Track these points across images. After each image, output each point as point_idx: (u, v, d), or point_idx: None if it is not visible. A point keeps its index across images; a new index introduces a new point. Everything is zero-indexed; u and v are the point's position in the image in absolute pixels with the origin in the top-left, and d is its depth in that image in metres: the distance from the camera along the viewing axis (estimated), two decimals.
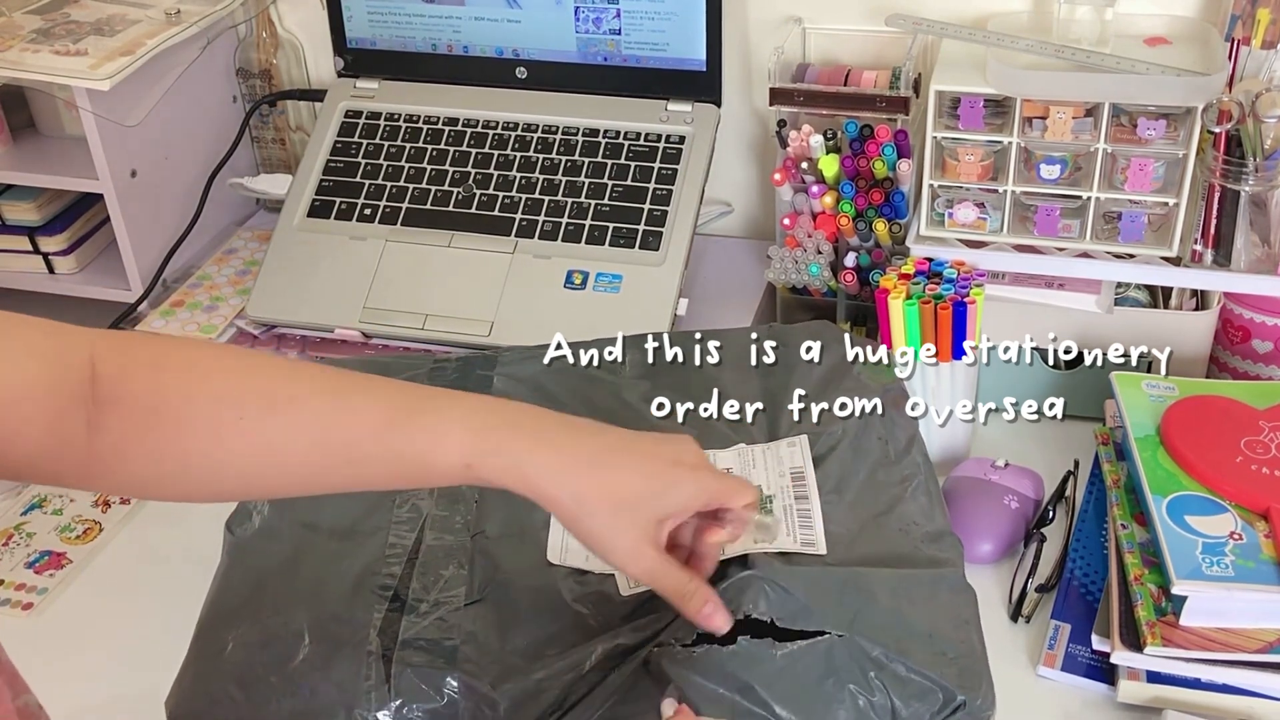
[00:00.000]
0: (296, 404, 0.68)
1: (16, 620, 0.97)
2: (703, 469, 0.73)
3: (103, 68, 1.14)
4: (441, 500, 0.87)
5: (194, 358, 0.70)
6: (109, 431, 0.65)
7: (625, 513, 0.69)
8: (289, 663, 0.77)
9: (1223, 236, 1.01)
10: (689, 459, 0.73)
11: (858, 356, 0.96)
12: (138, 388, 0.66)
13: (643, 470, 0.70)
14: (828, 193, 1.12)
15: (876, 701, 0.72)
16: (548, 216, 1.18)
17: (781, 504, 0.84)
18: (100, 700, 0.90)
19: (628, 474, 0.70)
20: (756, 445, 0.90)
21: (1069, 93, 1.00)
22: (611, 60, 1.23)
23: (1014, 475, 1.00)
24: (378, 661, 0.76)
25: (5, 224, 1.27)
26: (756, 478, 0.87)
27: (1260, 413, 0.94)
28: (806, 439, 0.89)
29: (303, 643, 0.78)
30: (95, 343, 0.66)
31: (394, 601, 0.80)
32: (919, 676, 0.73)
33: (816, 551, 0.81)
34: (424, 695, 0.75)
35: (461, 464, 0.68)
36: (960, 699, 0.73)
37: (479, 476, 0.68)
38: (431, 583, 0.81)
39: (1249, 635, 0.82)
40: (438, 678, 0.75)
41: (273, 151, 1.41)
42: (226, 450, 0.67)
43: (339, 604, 0.80)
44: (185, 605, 0.83)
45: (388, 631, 0.78)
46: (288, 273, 1.20)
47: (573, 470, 0.69)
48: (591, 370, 0.99)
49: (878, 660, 0.73)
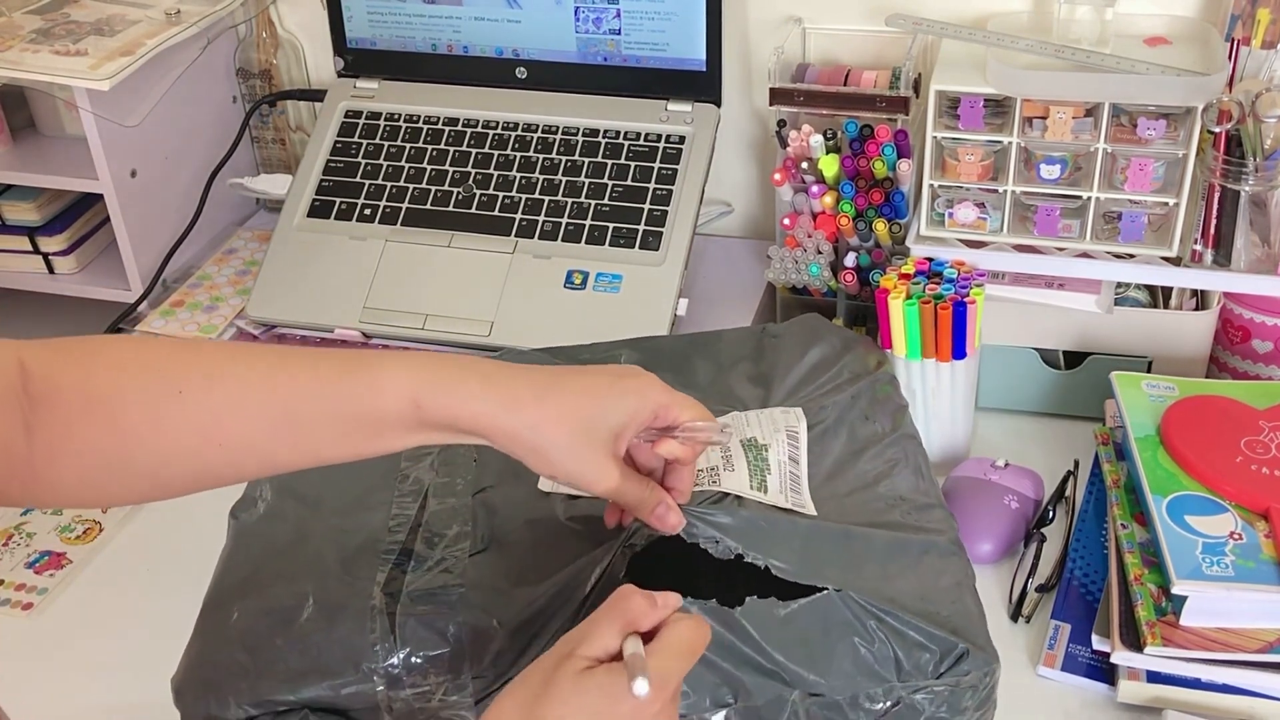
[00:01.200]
0: (236, 375, 0.67)
1: (16, 620, 0.97)
2: (648, 379, 0.73)
3: (103, 68, 1.14)
4: (442, 469, 0.87)
5: (126, 345, 0.69)
6: (46, 429, 0.64)
7: (581, 433, 0.69)
8: (294, 624, 0.77)
9: (1223, 236, 1.01)
10: (632, 373, 0.74)
11: (848, 347, 0.96)
12: (70, 379, 0.65)
13: (588, 388, 0.71)
14: (828, 193, 1.12)
15: (878, 651, 0.74)
16: (548, 216, 1.18)
17: (776, 458, 0.85)
18: (100, 700, 0.90)
19: (574, 395, 0.70)
20: (750, 410, 0.91)
21: (1069, 93, 1.00)
22: (611, 60, 1.23)
23: (1014, 475, 1.00)
24: (381, 615, 0.76)
25: (5, 224, 1.27)
26: (750, 433, 0.87)
27: (1260, 413, 0.94)
28: (802, 409, 0.90)
29: (307, 604, 0.78)
30: (22, 347, 0.66)
31: (400, 558, 0.80)
32: (915, 631, 0.74)
33: (806, 512, 0.82)
34: (430, 642, 0.75)
35: (410, 403, 0.67)
36: (962, 647, 0.74)
37: (429, 418, 0.68)
38: (436, 542, 0.81)
39: (1249, 635, 0.82)
40: (442, 622, 0.76)
41: (273, 151, 1.41)
42: (167, 433, 0.66)
43: (343, 568, 0.81)
44: (186, 605, 0.83)
45: (392, 588, 0.78)
46: (288, 273, 1.20)
47: (523, 402, 0.69)
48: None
49: (876, 613, 0.74)
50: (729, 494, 0.81)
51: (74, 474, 0.66)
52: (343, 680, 0.75)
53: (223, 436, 0.67)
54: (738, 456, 0.84)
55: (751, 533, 0.77)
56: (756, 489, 0.82)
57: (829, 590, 0.75)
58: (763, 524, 0.78)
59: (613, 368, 0.74)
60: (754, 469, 0.83)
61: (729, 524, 0.77)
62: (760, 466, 0.84)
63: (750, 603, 0.74)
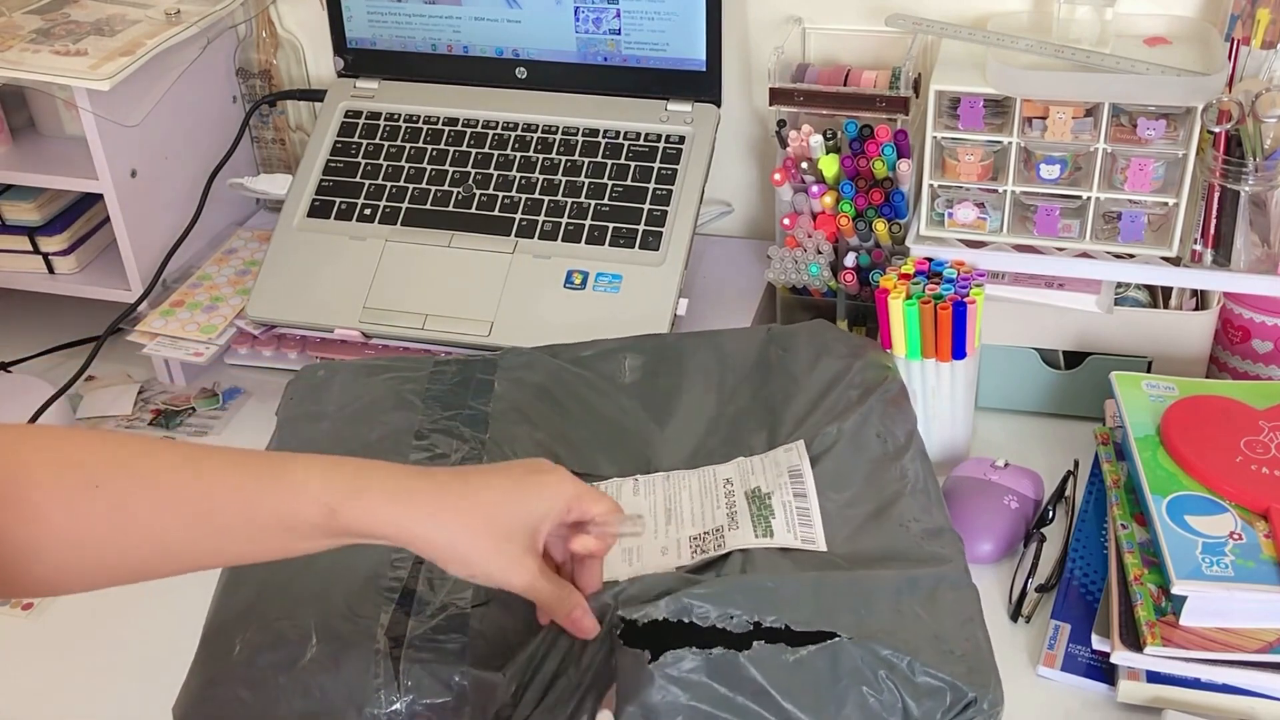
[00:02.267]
0: (152, 472, 0.67)
1: (16, 620, 0.98)
2: (560, 474, 0.74)
3: (103, 68, 1.14)
4: None
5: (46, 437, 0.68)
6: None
7: (500, 536, 0.70)
8: (297, 663, 0.77)
9: (1222, 236, 1.01)
10: (544, 467, 0.74)
11: (857, 355, 0.96)
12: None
13: (503, 487, 0.72)
14: (828, 193, 1.12)
15: (887, 701, 0.73)
16: (548, 216, 1.18)
17: (780, 500, 0.85)
18: (100, 700, 0.90)
19: (490, 496, 0.71)
20: (754, 455, 0.91)
21: (1069, 93, 1.00)
22: (611, 60, 1.23)
23: (1014, 475, 1.00)
24: (386, 660, 0.76)
25: (5, 224, 1.27)
26: (754, 483, 0.87)
27: (1260, 413, 0.94)
28: (803, 443, 0.90)
29: (310, 643, 0.78)
30: None
31: (402, 599, 0.80)
32: (928, 676, 0.73)
33: (817, 548, 0.81)
34: (433, 690, 0.75)
35: (325, 510, 0.67)
36: (971, 695, 0.73)
37: (344, 525, 0.67)
38: (439, 584, 0.81)
39: (1249, 635, 0.82)
40: (446, 672, 0.75)
41: (273, 151, 1.41)
42: (79, 521, 0.65)
43: (346, 604, 0.80)
44: (185, 606, 0.83)
45: (395, 630, 0.78)
46: (288, 273, 1.20)
47: (439, 510, 0.69)
48: (592, 374, 0.99)
49: (888, 660, 0.73)
50: (732, 551, 0.81)
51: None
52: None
53: (137, 533, 0.66)
54: (742, 513, 0.85)
55: (761, 596, 0.75)
56: (762, 535, 0.82)
57: (840, 637, 0.73)
58: (769, 584, 0.77)
59: (523, 463, 0.75)
60: (758, 519, 0.84)
61: (739, 599, 0.75)
62: (764, 515, 0.84)
63: (758, 648, 0.73)
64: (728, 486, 0.87)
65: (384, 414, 0.96)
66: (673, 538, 0.85)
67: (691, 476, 0.90)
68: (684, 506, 0.87)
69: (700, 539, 0.84)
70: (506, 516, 0.71)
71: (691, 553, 0.83)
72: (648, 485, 0.90)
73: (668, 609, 0.74)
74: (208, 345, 1.20)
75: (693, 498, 0.88)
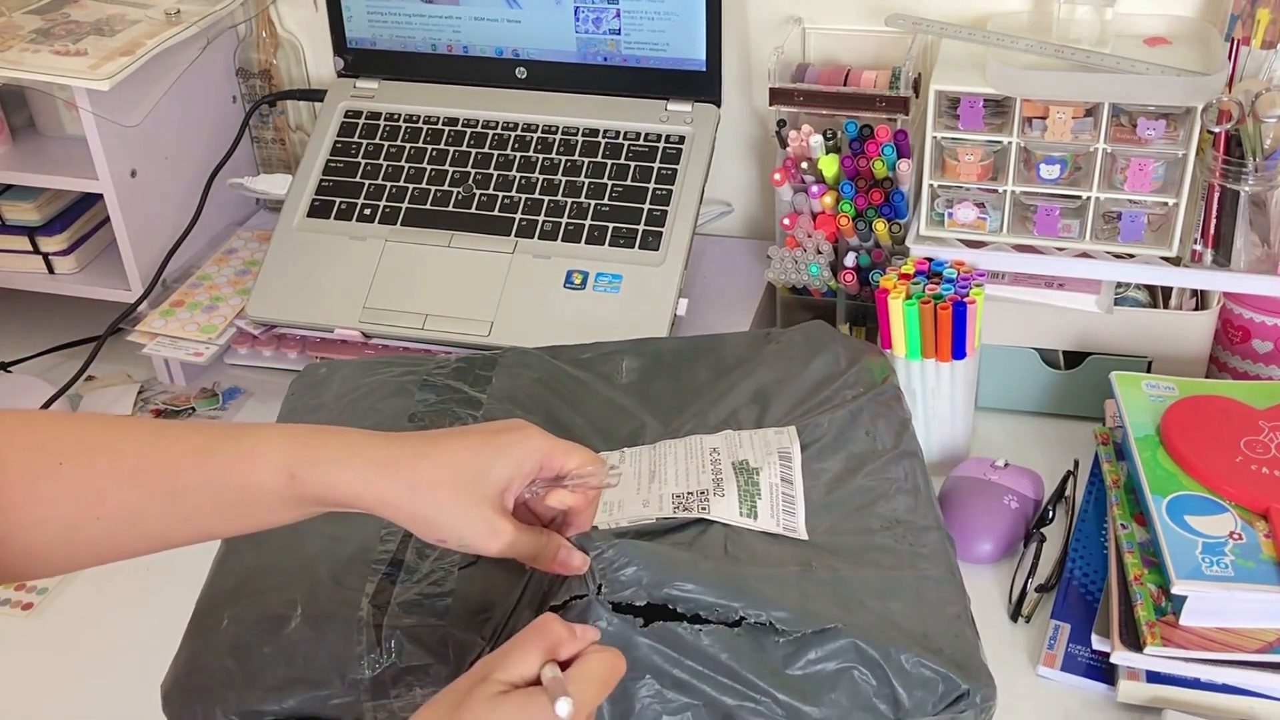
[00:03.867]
0: (115, 448, 0.66)
1: (16, 620, 0.98)
2: (528, 430, 0.72)
3: (103, 68, 1.14)
4: None
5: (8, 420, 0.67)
6: None
7: (465, 492, 0.68)
8: (281, 633, 0.77)
9: (1222, 236, 1.01)
10: (512, 426, 0.72)
11: (855, 358, 0.96)
12: None
13: (469, 446, 0.69)
14: (828, 193, 1.12)
15: (878, 689, 0.73)
16: (548, 216, 1.18)
17: (768, 481, 0.85)
18: (99, 700, 0.90)
19: (454, 454, 0.68)
20: (744, 430, 0.90)
21: (1069, 93, 1.00)
22: (611, 60, 1.23)
23: (1014, 475, 1.00)
24: (369, 627, 0.76)
25: (5, 224, 1.27)
26: (742, 455, 0.87)
27: (1260, 413, 0.94)
28: (795, 429, 0.90)
29: (295, 613, 0.78)
30: None
31: (390, 569, 0.80)
32: (920, 667, 0.73)
33: (798, 536, 0.81)
34: (415, 654, 0.75)
35: (286, 476, 0.66)
36: (964, 688, 0.73)
37: (305, 491, 0.66)
38: (428, 553, 0.81)
39: (1249, 635, 0.82)
40: (428, 634, 0.75)
41: (273, 151, 1.41)
42: (44, 505, 0.64)
43: (333, 577, 0.80)
44: (185, 606, 0.83)
45: (380, 599, 0.78)
46: (288, 273, 1.20)
47: (399, 466, 0.67)
48: (589, 374, 0.99)
49: (880, 648, 0.73)
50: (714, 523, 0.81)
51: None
52: (328, 691, 0.75)
53: (102, 509, 0.66)
54: (728, 480, 0.84)
55: (747, 592, 0.75)
56: (746, 515, 0.82)
57: (834, 625, 0.73)
58: (754, 581, 0.76)
59: (491, 424, 0.73)
60: (744, 494, 0.83)
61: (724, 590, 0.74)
62: (751, 491, 0.84)
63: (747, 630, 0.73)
64: (714, 455, 0.87)
65: (380, 401, 0.96)
66: (655, 493, 0.84)
67: (678, 444, 0.90)
68: (668, 469, 0.87)
69: (683, 497, 0.83)
70: (474, 474, 0.68)
71: (674, 508, 0.83)
72: (634, 455, 0.90)
73: (650, 594, 0.73)
74: (208, 345, 1.20)
75: (678, 461, 0.87)
